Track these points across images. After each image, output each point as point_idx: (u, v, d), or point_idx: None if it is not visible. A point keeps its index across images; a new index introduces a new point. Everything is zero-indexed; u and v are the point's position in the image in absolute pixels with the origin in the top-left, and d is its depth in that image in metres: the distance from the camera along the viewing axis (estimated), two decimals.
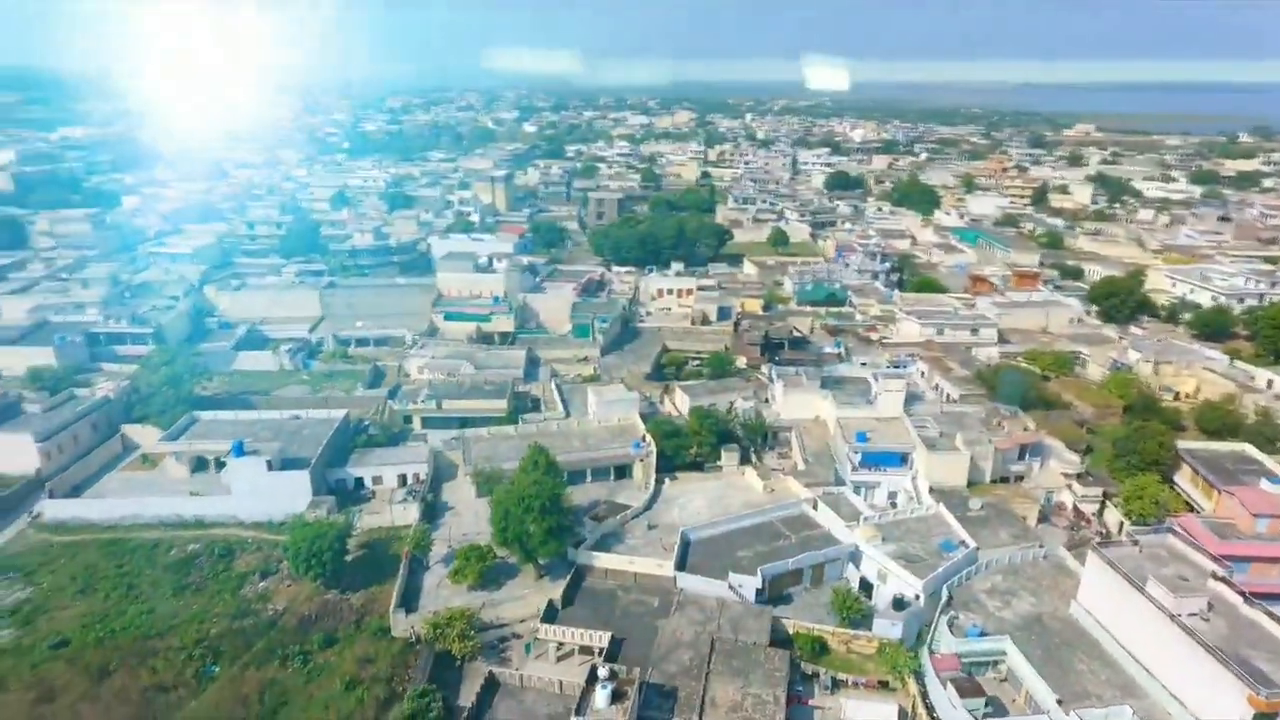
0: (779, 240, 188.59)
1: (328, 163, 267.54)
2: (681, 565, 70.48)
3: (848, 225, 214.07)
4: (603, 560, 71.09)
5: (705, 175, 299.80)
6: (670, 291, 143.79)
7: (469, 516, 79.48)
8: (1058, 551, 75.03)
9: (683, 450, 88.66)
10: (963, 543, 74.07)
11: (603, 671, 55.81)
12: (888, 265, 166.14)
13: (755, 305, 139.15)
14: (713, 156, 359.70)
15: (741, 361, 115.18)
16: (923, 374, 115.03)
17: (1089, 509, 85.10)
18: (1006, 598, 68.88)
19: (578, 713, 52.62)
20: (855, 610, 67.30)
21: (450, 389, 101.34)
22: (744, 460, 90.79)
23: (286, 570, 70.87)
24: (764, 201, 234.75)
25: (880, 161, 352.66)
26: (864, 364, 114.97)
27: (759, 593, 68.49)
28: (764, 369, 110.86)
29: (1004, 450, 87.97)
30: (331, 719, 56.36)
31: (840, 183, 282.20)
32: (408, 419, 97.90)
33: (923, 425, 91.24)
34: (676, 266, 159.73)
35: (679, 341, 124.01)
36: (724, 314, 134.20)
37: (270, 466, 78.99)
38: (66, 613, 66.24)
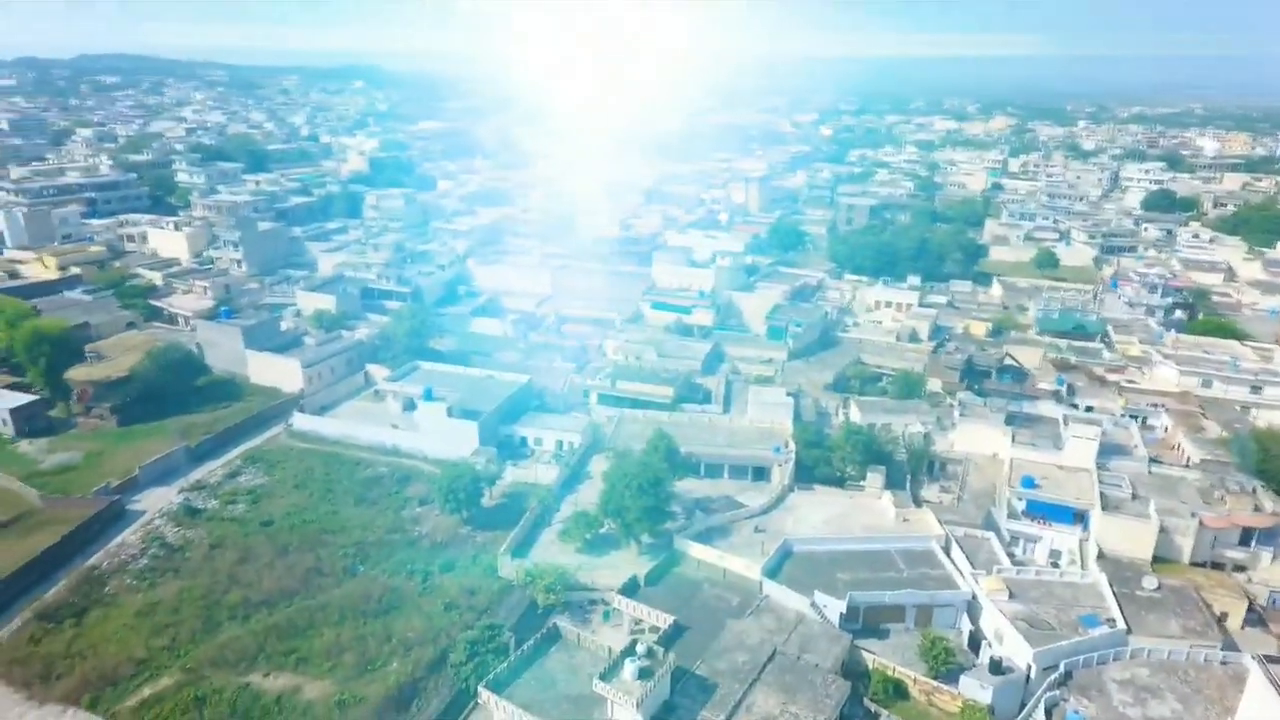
0: (1045, 262, 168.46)
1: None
2: (773, 573, 69.56)
3: (1150, 251, 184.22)
4: (696, 550, 72.61)
5: (995, 186, 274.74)
6: (888, 304, 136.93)
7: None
8: (1243, 660, 61.05)
9: (824, 463, 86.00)
10: (1110, 620, 63.61)
11: (640, 648, 58.17)
12: (1169, 300, 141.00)
13: (980, 328, 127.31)
14: (1014, 167, 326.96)
15: (936, 384, 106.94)
16: (1165, 429, 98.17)
17: None
18: (1143, 696, 58.13)
19: (603, 677, 55.63)
20: (945, 661, 61.51)
21: (629, 371, 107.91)
22: (895, 485, 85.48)
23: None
24: (1047, 219, 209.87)
25: (1232, 181, 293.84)
26: (1089, 408, 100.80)
27: (844, 618, 65.38)
28: (960, 395, 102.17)
29: (1216, 529, 72.80)
30: (421, 627, 65.48)
31: (1162, 202, 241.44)
32: (586, 393, 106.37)
33: (1115, 483, 78.65)
34: (912, 279, 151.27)
35: (876, 356, 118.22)
36: (938, 333, 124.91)
37: (449, 413, 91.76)
38: (280, 501, 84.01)
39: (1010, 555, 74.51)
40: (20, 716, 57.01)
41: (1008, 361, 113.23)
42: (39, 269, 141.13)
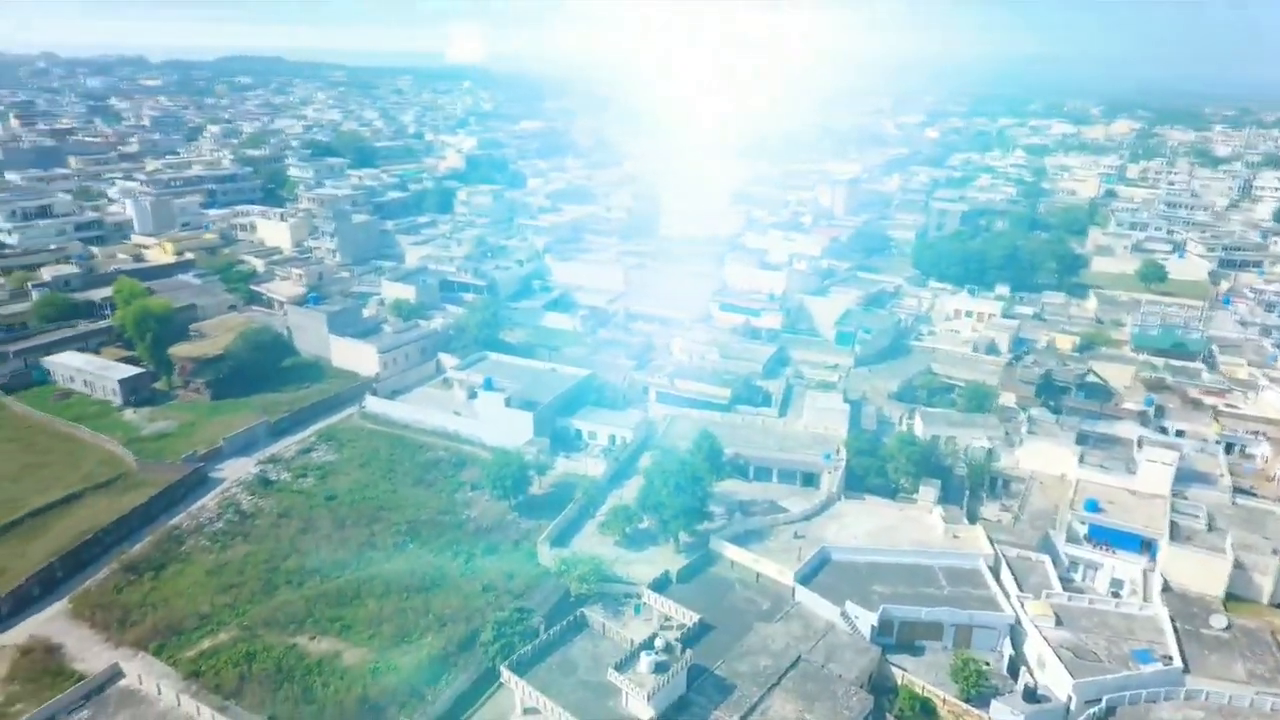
0: (1152, 274, 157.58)
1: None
2: (807, 580, 68.60)
3: (1277, 267, 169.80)
4: (731, 551, 72.39)
5: (1109, 194, 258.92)
6: (968, 314, 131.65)
7: None
8: None
9: (877, 473, 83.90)
10: (1166, 657, 59.64)
11: (659, 642, 58.75)
12: None
13: (1067, 342, 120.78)
14: (1133, 173, 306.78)
15: (1009, 399, 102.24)
16: (1264, 459, 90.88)
17: None
18: None
19: (618, 667, 56.49)
20: (978, 684, 59.18)
21: (689, 371, 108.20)
22: (953, 501, 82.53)
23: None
24: (1160, 229, 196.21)
25: None
26: (1179, 432, 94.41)
27: (876, 631, 63.84)
28: (1032, 411, 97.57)
29: None
30: (458, 605, 68.10)
31: None
32: (645, 390, 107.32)
33: (1191, 513, 73.52)
34: (1000, 289, 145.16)
35: (948, 366, 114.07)
36: (1020, 345, 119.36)
37: (507, 403, 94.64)
38: (345, 477, 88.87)
39: (1067, 581, 70.89)
40: (98, 655, 62.79)
41: (1090, 378, 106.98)
42: (159, 253, 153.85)
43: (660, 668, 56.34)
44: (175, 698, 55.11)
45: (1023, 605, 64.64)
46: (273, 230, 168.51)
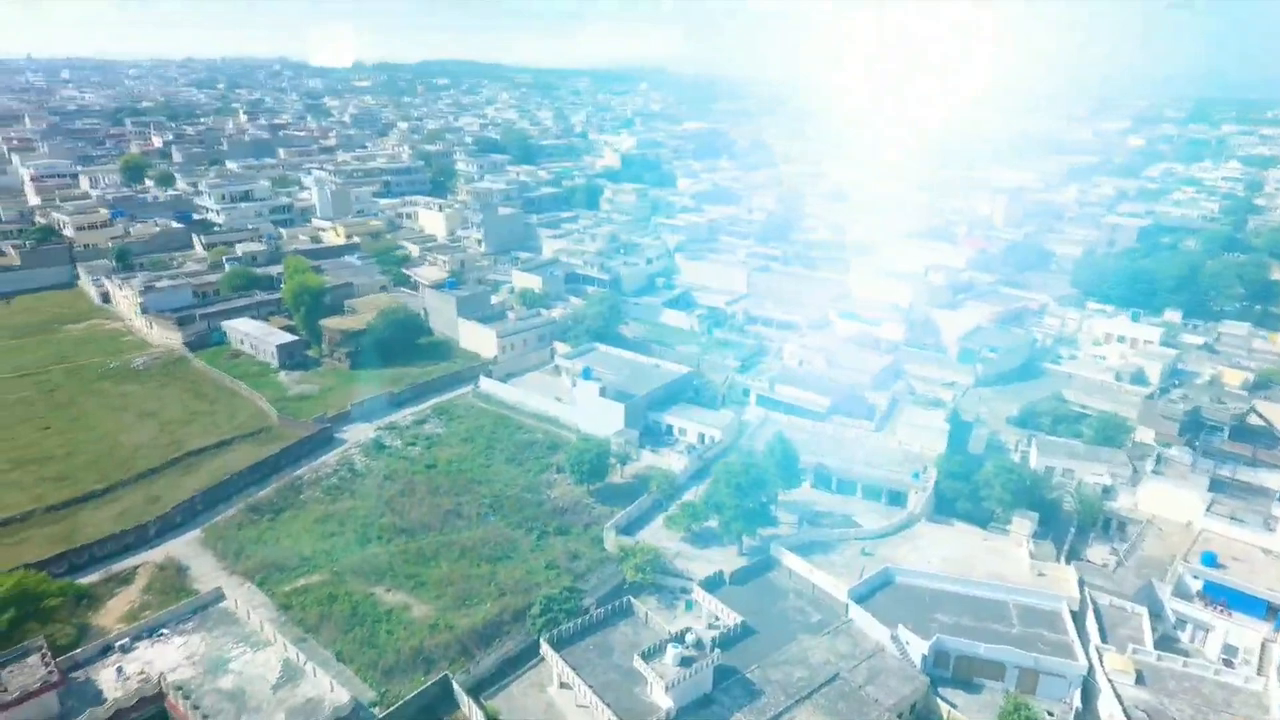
0: None
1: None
2: (863, 598, 66.19)
3: None
4: (790, 559, 71.09)
5: None
6: (1120, 338, 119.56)
7: None
8: None
9: (968, 498, 78.92)
10: None
11: (690, 637, 59.20)
12: None
13: (1236, 378, 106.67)
14: None
15: (1146, 435, 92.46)
16: None
17: None
18: None
19: (645, 655, 57.58)
20: None
21: (791, 376, 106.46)
22: (1056, 537, 76.28)
23: None
24: None
25: None
26: None
27: (930, 661, 60.65)
28: (1171, 450, 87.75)
29: None
30: (520, 578, 71.83)
31: None
32: (746, 392, 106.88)
33: None
34: (1170, 314, 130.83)
35: (1083, 394, 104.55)
36: (1174, 376, 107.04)
37: (602, 393, 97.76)
38: (448, 449, 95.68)
39: (1171, 640, 63.80)
40: (214, 579, 72.21)
41: (1252, 419, 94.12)
42: (332, 236, 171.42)
43: (686, 662, 56.82)
44: (260, 624, 62.51)
45: (1100, 657, 58.91)
46: (431, 219, 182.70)
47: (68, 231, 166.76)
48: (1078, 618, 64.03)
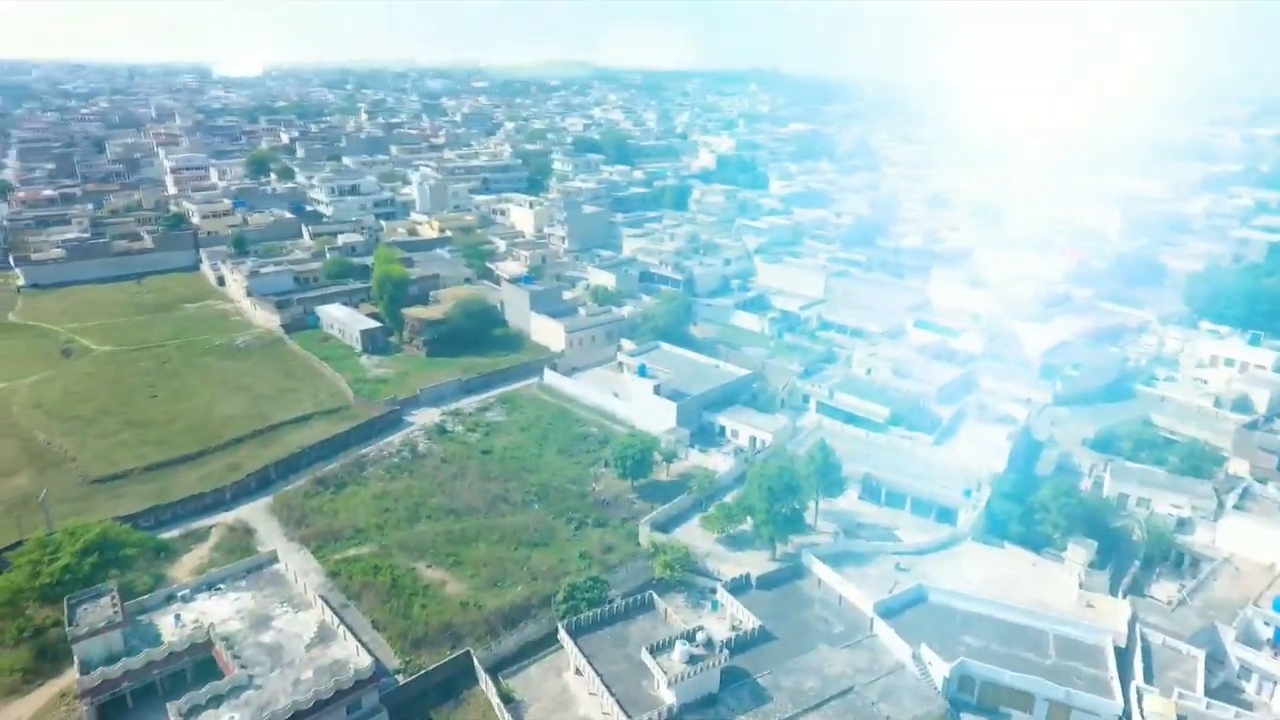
0: None
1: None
2: (890, 614, 64.28)
3: None
4: (819, 568, 69.76)
5: None
6: (1229, 361, 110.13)
7: None
8: None
9: (1021, 520, 75.06)
10: None
11: (700, 636, 59.31)
12: None
13: None
14: None
15: (1240, 466, 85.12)
16: None
17: None
18: None
19: (652, 650, 58.13)
20: None
21: (855, 385, 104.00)
22: (1117, 568, 71.63)
23: None
24: None
25: None
26: None
27: (953, 685, 58.39)
28: (1270, 485, 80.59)
29: None
30: (552, 565, 73.73)
31: None
32: (806, 398, 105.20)
33: None
34: None
35: (1175, 419, 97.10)
36: None
37: (656, 391, 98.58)
38: (505, 437, 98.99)
39: (1234, 689, 58.69)
40: (274, 543, 77.72)
41: None
42: (427, 230, 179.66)
43: (693, 660, 57.04)
44: (304, 587, 66.99)
45: (1140, 697, 55.04)
46: (521, 216, 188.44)
47: (194, 219, 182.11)
48: (1123, 655, 59.96)
